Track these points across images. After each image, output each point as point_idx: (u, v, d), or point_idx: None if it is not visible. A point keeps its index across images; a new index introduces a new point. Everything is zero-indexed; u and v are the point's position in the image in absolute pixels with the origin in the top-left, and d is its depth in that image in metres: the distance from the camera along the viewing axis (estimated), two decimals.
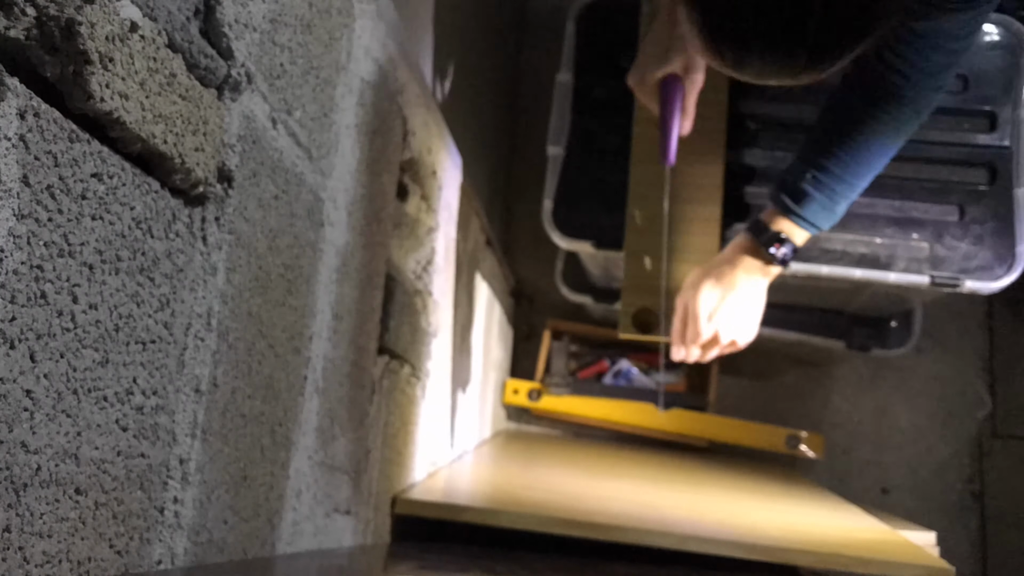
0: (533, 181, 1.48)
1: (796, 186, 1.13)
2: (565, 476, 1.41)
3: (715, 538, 1.00)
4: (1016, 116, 1.33)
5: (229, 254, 0.59)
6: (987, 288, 1.31)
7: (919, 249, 1.33)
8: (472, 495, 1.20)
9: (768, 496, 1.45)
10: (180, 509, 0.55)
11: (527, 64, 2.18)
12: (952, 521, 1.94)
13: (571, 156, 1.41)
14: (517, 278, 2.06)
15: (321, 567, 0.75)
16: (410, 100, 1.00)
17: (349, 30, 0.79)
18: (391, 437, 1.01)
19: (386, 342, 0.96)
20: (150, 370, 0.51)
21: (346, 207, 0.81)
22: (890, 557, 0.99)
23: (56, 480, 0.43)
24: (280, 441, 0.70)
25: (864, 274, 1.33)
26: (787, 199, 1.14)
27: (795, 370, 2.05)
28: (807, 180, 1.12)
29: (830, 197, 1.13)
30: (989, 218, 1.32)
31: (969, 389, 2.02)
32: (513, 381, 1.96)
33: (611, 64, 1.43)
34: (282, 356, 0.69)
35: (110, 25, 0.43)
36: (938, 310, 1.95)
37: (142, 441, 0.51)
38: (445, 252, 1.23)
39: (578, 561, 0.98)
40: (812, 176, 1.12)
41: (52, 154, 0.41)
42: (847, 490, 1.75)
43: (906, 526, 1.43)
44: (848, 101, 1.11)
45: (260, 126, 0.62)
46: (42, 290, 0.41)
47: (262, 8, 0.60)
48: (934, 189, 1.34)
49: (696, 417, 1.90)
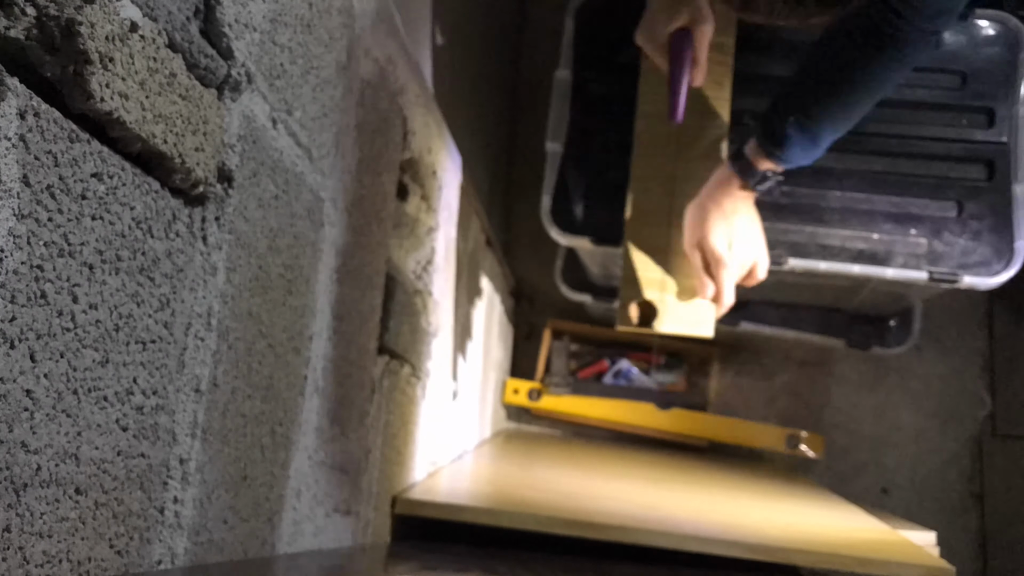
0: (533, 180, 1.48)
1: (779, 129, 1.13)
2: (565, 476, 1.41)
3: (715, 538, 1.00)
4: (1014, 112, 1.34)
5: (229, 254, 0.59)
6: (985, 284, 1.31)
7: (917, 245, 1.33)
8: (472, 495, 1.20)
9: (768, 496, 1.45)
10: (180, 509, 0.55)
11: (527, 62, 2.18)
12: (952, 521, 1.94)
13: (570, 153, 1.41)
14: (517, 278, 2.06)
15: (321, 567, 0.75)
16: (410, 100, 1.00)
17: (349, 30, 0.79)
18: (391, 437, 1.01)
19: (386, 342, 0.96)
20: (150, 370, 0.51)
21: (346, 207, 0.81)
22: (890, 557, 0.99)
23: (56, 480, 0.43)
24: (280, 441, 0.70)
25: (862, 270, 1.33)
26: (769, 144, 1.14)
27: (795, 370, 2.05)
28: (790, 124, 1.12)
29: (812, 140, 1.13)
30: (987, 214, 1.32)
31: (969, 389, 2.02)
32: (513, 381, 1.96)
33: (609, 60, 1.43)
34: (282, 356, 0.69)
35: (110, 25, 0.43)
36: (938, 310, 1.95)
37: (142, 441, 0.51)
38: (445, 252, 1.23)
39: (578, 561, 0.98)
40: (795, 120, 1.12)
41: (52, 154, 0.41)
42: (847, 490, 1.75)
43: (906, 526, 1.43)
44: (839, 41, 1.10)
45: (260, 126, 0.62)
46: (42, 290, 0.41)
47: (262, 8, 0.60)
48: (932, 185, 1.34)
49: (696, 417, 1.90)
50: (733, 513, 1.26)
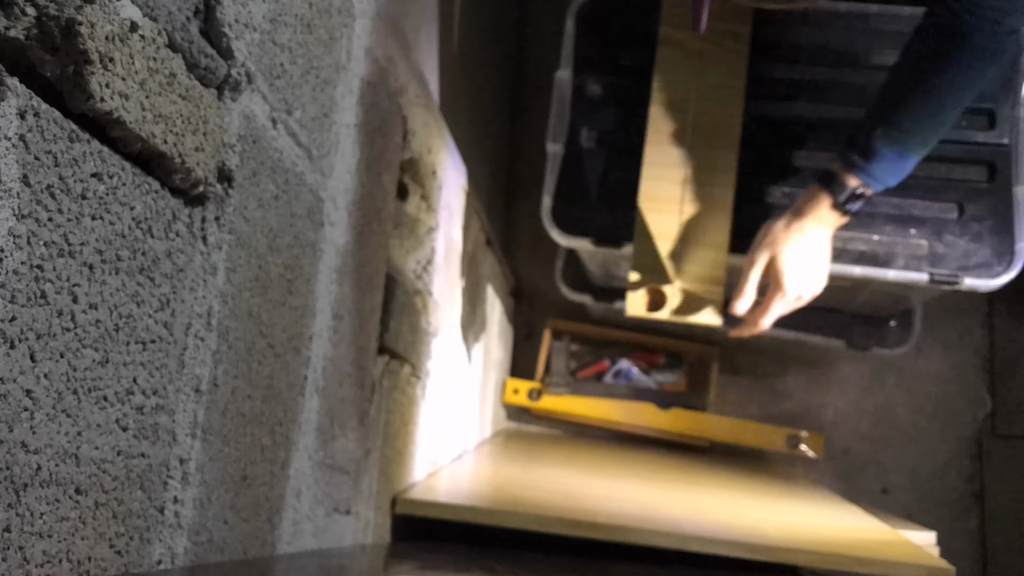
0: (533, 180, 1.48)
1: (867, 143, 1.11)
2: (565, 476, 1.41)
3: (716, 538, 1.00)
4: (1015, 114, 1.34)
5: (229, 254, 0.59)
6: (986, 286, 1.31)
7: (918, 247, 1.33)
8: (472, 495, 1.20)
9: (768, 496, 1.45)
10: (180, 509, 0.55)
11: (528, 62, 2.18)
12: (952, 521, 1.94)
13: (570, 153, 1.41)
14: (517, 278, 2.06)
15: (321, 567, 0.75)
16: (410, 100, 1.00)
17: (349, 30, 0.79)
18: (391, 437, 1.01)
19: (386, 342, 0.96)
20: (150, 370, 0.51)
21: (346, 207, 0.81)
22: (890, 557, 0.99)
23: (56, 480, 0.43)
24: (280, 441, 0.70)
25: (863, 271, 1.33)
26: (858, 157, 1.12)
27: (795, 370, 2.05)
28: (877, 137, 1.10)
29: (900, 154, 1.11)
30: (988, 215, 1.32)
31: (969, 389, 2.02)
32: (513, 381, 1.96)
33: (611, 61, 1.43)
34: (282, 356, 0.69)
35: (110, 25, 0.43)
36: (938, 309, 1.95)
37: (142, 441, 0.51)
38: (445, 252, 1.23)
39: (578, 561, 0.98)
40: (883, 132, 1.10)
41: (52, 154, 0.41)
42: (847, 490, 1.75)
43: (906, 526, 1.43)
44: (918, 50, 1.09)
45: (260, 126, 0.62)
46: (42, 290, 0.41)
47: (262, 8, 0.60)
48: (933, 187, 1.34)
49: (696, 417, 1.90)
50: (733, 513, 1.26)
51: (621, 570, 0.97)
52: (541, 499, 1.13)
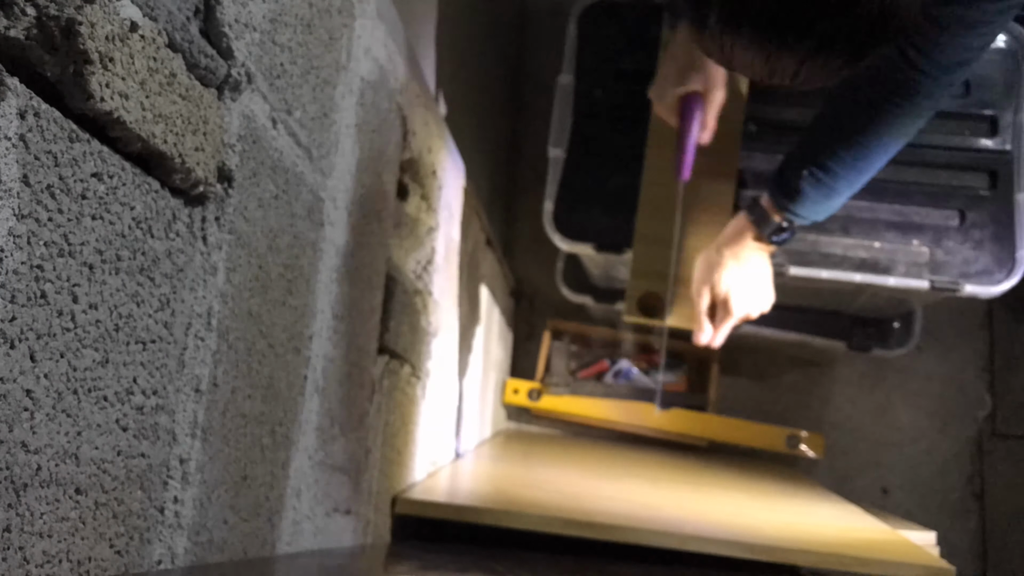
0: (534, 180, 1.48)
1: (793, 183, 1.12)
2: (565, 476, 1.41)
3: (715, 538, 1.00)
4: (1017, 120, 1.33)
5: (229, 254, 0.59)
6: (986, 293, 1.31)
7: (919, 254, 1.33)
8: (472, 495, 1.20)
9: (768, 496, 1.45)
10: (180, 509, 0.55)
11: (529, 63, 2.18)
12: (952, 521, 1.94)
13: (572, 158, 1.41)
14: (517, 278, 2.06)
15: (321, 567, 0.75)
16: (410, 100, 1.00)
17: (349, 30, 0.79)
18: (391, 437, 1.01)
19: (386, 342, 0.96)
20: (150, 370, 0.51)
21: (346, 207, 0.81)
22: (890, 557, 0.99)
23: (56, 480, 0.43)
24: (280, 441, 0.70)
25: (864, 278, 1.33)
26: (782, 197, 1.14)
27: (795, 370, 2.05)
28: (804, 178, 1.11)
29: (826, 196, 1.12)
30: (989, 223, 1.32)
31: (969, 389, 2.02)
32: (513, 381, 1.96)
33: (613, 66, 1.43)
34: (282, 356, 0.69)
35: (110, 25, 0.43)
36: (938, 311, 1.95)
37: (142, 441, 0.51)
38: (445, 252, 1.23)
39: (578, 561, 0.98)
40: (810, 173, 1.10)
41: (52, 154, 0.41)
42: (847, 490, 1.75)
43: (906, 526, 1.43)
44: (854, 95, 1.08)
45: (260, 126, 0.62)
46: (42, 290, 0.41)
47: (262, 8, 0.60)
48: (935, 193, 1.34)
49: (696, 417, 1.90)
50: (733, 513, 1.26)
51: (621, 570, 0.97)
52: (541, 499, 1.13)
